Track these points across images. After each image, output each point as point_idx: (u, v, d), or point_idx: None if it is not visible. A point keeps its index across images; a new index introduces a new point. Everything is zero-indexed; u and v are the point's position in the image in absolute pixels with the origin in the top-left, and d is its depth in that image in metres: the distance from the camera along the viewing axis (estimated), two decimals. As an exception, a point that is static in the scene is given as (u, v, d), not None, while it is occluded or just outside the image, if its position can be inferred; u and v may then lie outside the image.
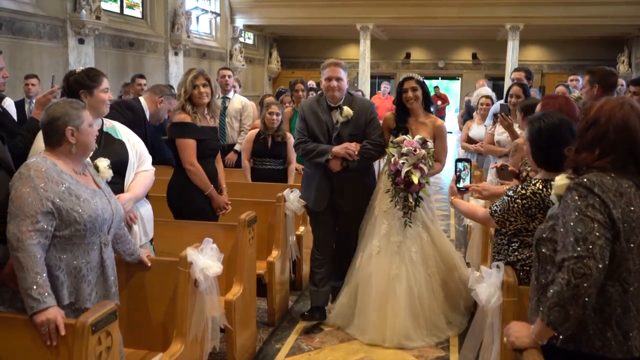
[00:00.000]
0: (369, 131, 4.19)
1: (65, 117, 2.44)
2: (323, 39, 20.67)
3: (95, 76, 3.13)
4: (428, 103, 4.26)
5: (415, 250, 4.10)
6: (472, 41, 20.52)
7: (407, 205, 3.99)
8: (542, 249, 2.10)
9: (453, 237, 7.17)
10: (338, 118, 4.14)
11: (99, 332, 2.21)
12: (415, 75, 4.22)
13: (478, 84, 9.17)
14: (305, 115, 4.23)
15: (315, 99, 4.34)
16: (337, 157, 4.07)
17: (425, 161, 3.91)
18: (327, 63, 4.15)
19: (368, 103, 4.43)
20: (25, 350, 2.24)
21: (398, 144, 3.97)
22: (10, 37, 8.97)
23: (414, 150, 3.86)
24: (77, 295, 2.42)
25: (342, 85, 4.11)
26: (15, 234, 2.26)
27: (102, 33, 10.87)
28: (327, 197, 4.21)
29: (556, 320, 1.92)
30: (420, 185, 3.93)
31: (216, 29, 17.10)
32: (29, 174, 2.33)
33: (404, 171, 3.87)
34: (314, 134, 4.18)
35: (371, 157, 4.27)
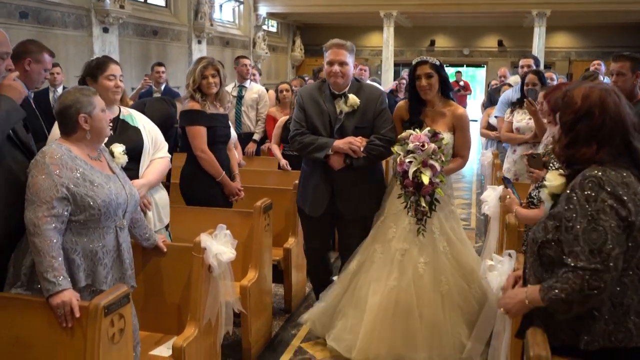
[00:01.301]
0: (378, 124, 3.61)
1: (77, 104, 2.48)
2: (346, 26, 20.59)
3: (102, 63, 3.17)
4: (446, 89, 3.63)
5: (424, 262, 3.46)
6: (498, 28, 20.26)
7: (420, 211, 3.37)
8: (547, 252, 2.04)
9: (473, 226, 7.14)
10: (342, 108, 3.58)
11: (112, 315, 2.26)
12: (430, 58, 3.56)
13: (500, 72, 9.04)
14: (303, 104, 3.69)
15: (316, 86, 3.77)
16: (339, 153, 3.54)
17: (436, 156, 3.29)
18: (330, 44, 3.58)
19: (378, 91, 3.77)
20: (42, 331, 2.30)
21: (404, 141, 3.36)
22: (37, 27, 9.11)
23: (421, 146, 3.27)
24: (94, 277, 2.48)
25: (347, 70, 3.55)
26: (31, 219, 2.32)
27: (126, 22, 10.97)
28: (326, 200, 3.68)
29: (558, 309, 1.95)
30: (433, 185, 3.31)
31: (239, 17, 17.14)
32: (44, 161, 2.38)
33: (412, 171, 3.26)
34: (314, 126, 3.63)
35: (379, 154, 3.63)
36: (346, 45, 3.56)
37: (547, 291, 1.94)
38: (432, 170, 3.28)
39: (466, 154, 3.69)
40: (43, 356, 2.29)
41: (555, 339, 2.01)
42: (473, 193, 9.03)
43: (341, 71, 3.53)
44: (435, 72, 3.51)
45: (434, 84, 3.52)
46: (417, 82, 3.54)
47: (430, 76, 3.50)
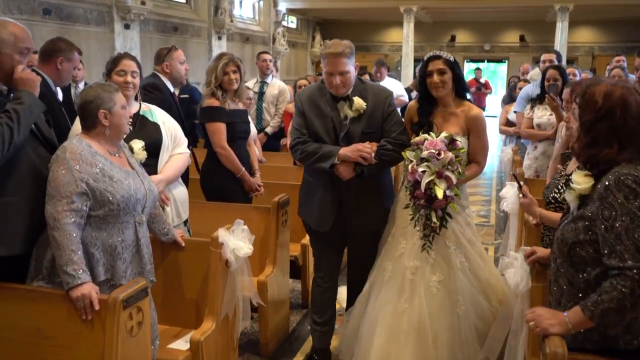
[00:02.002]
0: (388, 127, 3.25)
1: (97, 100, 2.52)
2: (366, 22, 20.53)
3: (115, 59, 3.23)
4: (461, 88, 3.27)
5: (437, 280, 3.12)
6: (520, 22, 20.03)
7: (429, 226, 3.03)
8: (579, 252, 2.01)
9: (493, 223, 7.10)
10: (347, 112, 3.21)
11: (130, 308, 2.30)
12: (443, 53, 3.22)
13: (522, 68, 8.95)
14: (303, 109, 3.29)
15: (316, 87, 3.36)
16: (347, 162, 3.17)
17: (452, 167, 2.93)
18: (326, 53, 3.15)
19: (385, 92, 3.35)
20: (62, 323, 2.34)
21: (417, 146, 3.01)
22: (59, 23, 9.22)
23: (437, 154, 2.90)
24: (113, 272, 2.52)
25: (349, 78, 3.17)
26: (52, 213, 2.36)
27: (147, 18, 11.06)
28: (334, 214, 3.30)
29: (610, 323, 1.91)
30: (447, 199, 2.94)
31: (259, 13, 17.17)
32: (64, 156, 2.42)
33: (425, 182, 2.91)
34: (316, 133, 3.25)
35: (392, 160, 3.26)
36: (344, 51, 3.13)
37: (594, 308, 1.91)
38: (447, 183, 2.92)
39: (482, 160, 3.29)
40: (63, 347, 2.34)
41: (587, 341, 2.01)
42: (493, 190, 8.97)
43: (342, 81, 3.15)
44: (449, 68, 3.16)
45: (446, 81, 3.17)
46: (428, 79, 3.19)
47: (443, 72, 3.15)
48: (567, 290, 2.07)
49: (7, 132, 2.35)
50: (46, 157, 2.56)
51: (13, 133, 2.37)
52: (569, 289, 2.06)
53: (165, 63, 4.13)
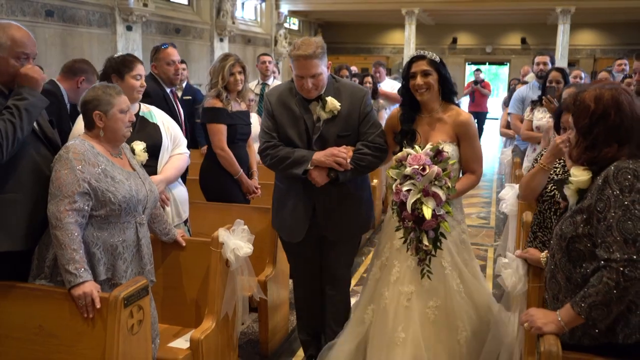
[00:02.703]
0: (365, 129, 3.04)
1: (95, 101, 2.56)
2: (368, 24, 20.58)
3: (129, 62, 3.24)
4: (448, 91, 3.01)
5: (434, 306, 2.87)
6: (521, 25, 20.09)
7: (423, 250, 2.72)
8: (577, 246, 2.03)
9: (493, 224, 7.12)
10: (320, 114, 2.99)
11: (131, 306, 2.33)
12: (428, 53, 2.98)
13: (523, 70, 8.98)
14: (272, 110, 3.07)
15: (286, 87, 3.12)
16: (321, 167, 2.98)
17: (440, 182, 2.64)
18: (295, 55, 2.91)
19: (361, 91, 3.12)
20: (64, 320, 2.38)
21: (400, 162, 2.72)
22: (62, 25, 9.26)
23: (421, 170, 2.62)
24: (114, 271, 2.55)
25: (321, 80, 2.95)
26: (54, 212, 2.39)
27: (149, 20, 11.11)
28: (307, 223, 3.11)
29: (598, 317, 1.93)
30: (437, 219, 2.66)
31: (261, 15, 17.22)
32: (67, 156, 2.45)
33: (410, 202, 2.62)
34: (287, 137, 3.04)
35: (369, 164, 3.05)
36: (315, 52, 2.88)
37: (581, 302, 1.93)
38: (435, 200, 2.63)
39: (478, 167, 3.04)
40: (65, 345, 2.37)
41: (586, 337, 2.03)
42: (493, 192, 8.98)
43: (314, 84, 2.94)
44: (434, 69, 2.93)
45: (431, 84, 2.93)
46: (411, 81, 2.96)
47: (427, 74, 2.92)
48: (564, 285, 2.09)
49: (10, 128, 2.37)
50: (48, 156, 2.59)
51: (16, 129, 2.39)
52: (567, 284, 2.08)
53: (153, 64, 4.09)
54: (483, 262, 5.60)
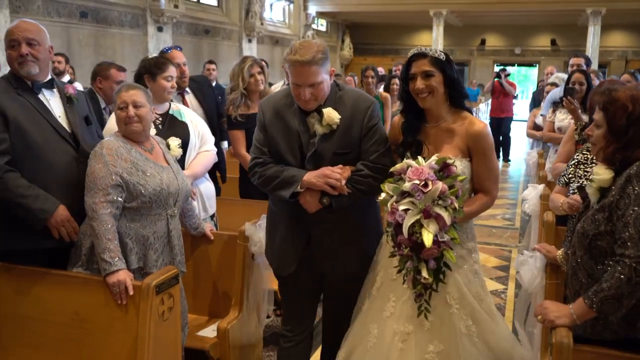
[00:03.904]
0: (367, 147, 2.57)
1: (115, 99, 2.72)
2: (396, 25, 20.60)
3: (162, 64, 3.37)
4: (457, 95, 2.50)
5: (435, 351, 2.36)
6: (551, 26, 19.90)
7: (421, 283, 2.25)
8: (599, 244, 2.07)
9: (518, 226, 7.12)
10: (316, 127, 2.55)
11: (162, 294, 2.45)
12: (430, 49, 2.47)
13: (547, 70, 8.93)
14: (265, 121, 2.64)
15: (283, 95, 2.69)
16: (313, 190, 2.51)
17: (445, 202, 2.20)
18: (291, 60, 2.45)
19: (366, 102, 2.61)
20: (98, 306, 2.51)
21: (398, 176, 2.29)
22: (95, 26, 9.53)
23: (422, 186, 2.18)
24: (145, 261, 2.67)
25: (321, 90, 2.50)
26: (90, 204, 2.54)
27: (179, 21, 11.34)
28: (299, 253, 2.65)
29: (609, 310, 1.98)
30: (440, 247, 2.19)
31: (289, 16, 17.39)
32: (101, 151, 2.60)
33: (407, 224, 2.18)
34: (279, 153, 2.60)
35: (369, 188, 2.54)
36: (314, 59, 2.43)
37: (593, 296, 1.98)
38: (438, 223, 2.18)
39: (493, 187, 2.53)
40: (99, 330, 2.50)
41: (607, 331, 2.08)
42: (519, 193, 8.96)
43: (313, 94, 2.49)
44: (438, 69, 2.43)
45: (435, 88, 2.42)
46: (410, 84, 2.48)
47: (430, 75, 2.42)
48: (586, 283, 2.13)
49: None
50: (70, 153, 2.73)
51: None
52: (589, 281, 2.11)
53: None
54: (507, 263, 5.62)
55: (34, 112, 2.67)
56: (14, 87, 2.67)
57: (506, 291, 4.92)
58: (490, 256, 5.81)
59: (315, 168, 2.53)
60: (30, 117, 2.65)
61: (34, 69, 2.69)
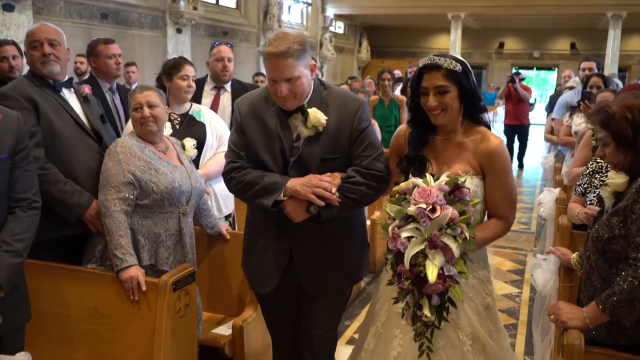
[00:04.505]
0: (358, 152, 2.34)
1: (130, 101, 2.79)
2: (413, 28, 20.59)
3: (178, 64, 3.44)
4: (472, 108, 2.24)
5: None
6: (571, 30, 19.77)
7: (422, 321, 2.00)
8: (613, 247, 2.07)
9: (534, 230, 7.10)
10: (300, 130, 2.32)
11: (179, 291, 2.50)
12: (445, 60, 2.16)
13: (564, 74, 8.88)
14: (242, 122, 2.41)
15: (261, 94, 2.44)
16: (299, 199, 2.28)
17: (454, 230, 1.94)
18: (265, 52, 2.22)
19: (355, 102, 2.39)
20: (115, 302, 2.57)
21: (402, 196, 2.04)
22: (116, 27, 9.67)
23: (429, 210, 1.93)
24: (156, 258, 2.73)
25: (299, 86, 2.27)
26: (103, 201, 2.61)
27: (198, 23, 11.45)
28: (280, 270, 2.44)
29: (621, 314, 1.98)
30: (445, 282, 1.94)
31: (307, 19, 17.46)
32: (115, 150, 2.68)
33: (409, 255, 1.93)
34: (258, 158, 2.38)
35: (362, 197, 2.33)
36: (289, 50, 2.20)
37: (605, 301, 1.99)
38: (445, 255, 1.93)
39: (508, 211, 2.26)
40: (118, 326, 2.56)
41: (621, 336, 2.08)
42: (535, 197, 8.91)
43: (291, 90, 2.26)
44: (454, 83, 2.17)
45: (449, 104, 2.18)
46: (422, 99, 2.22)
47: (444, 92, 2.16)
48: (600, 287, 2.13)
49: None
50: (94, 147, 2.83)
51: None
52: (603, 285, 2.11)
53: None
54: (522, 267, 5.61)
55: (59, 107, 2.76)
56: (36, 84, 2.76)
57: (520, 294, 4.91)
58: (506, 260, 5.80)
59: (299, 175, 2.30)
60: (57, 111, 2.74)
61: (56, 68, 2.79)
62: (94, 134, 2.86)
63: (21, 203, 2.18)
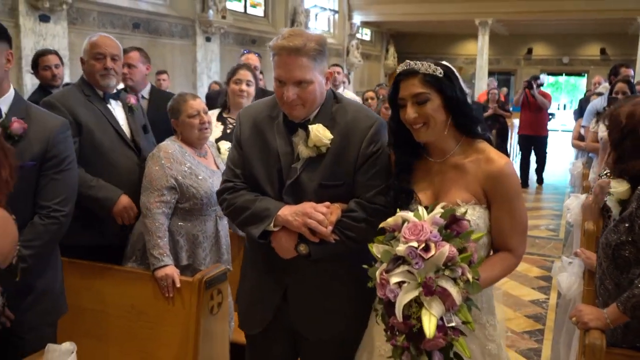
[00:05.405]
0: (363, 180, 2.00)
1: (170, 109, 2.92)
2: (440, 34, 20.56)
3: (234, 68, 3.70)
4: (464, 120, 1.90)
5: None
6: (601, 35, 19.51)
7: None
8: (622, 253, 2.12)
9: (562, 236, 7.06)
10: (300, 149, 2.00)
11: (212, 289, 2.61)
12: (422, 64, 1.85)
13: (594, 80, 8.81)
14: (241, 136, 2.12)
15: (268, 104, 2.14)
16: (289, 230, 1.96)
17: (454, 272, 1.61)
18: (277, 46, 1.93)
19: (366, 120, 2.04)
20: (152, 301, 2.69)
21: (391, 234, 1.71)
22: (147, 36, 9.88)
23: (422, 250, 1.61)
24: (194, 258, 2.84)
25: (311, 92, 1.96)
26: (145, 203, 2.73)
27: (227, 31, 11.64)
28: (271, 308, 2.11)
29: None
30: (446, 336, 1.59)
31: (334, 26, 17.56)
32: (159, 154, 2.79)
33: (402, 304, 1.60)
34: (253, 177, 2.07)
35: (362, 236, 1.91)
36: (305, 47, 1.91)
37: (625, 303, 2.04)
38: (444, 302, 1.60)
39: (518, 243, 1.91)
40: (153, 322, 2.67)
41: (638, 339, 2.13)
42: (564, 204, 8.86)
43: (300, 96, 1.95)
44: (435, 90, 1.84)
45: (431, 116, 1.85)
46: (400, 112, 1.91)
47: (423, 101, 1.84)
48: (613, 291, 2.18)
49: None
50: (134, 159, 2.95)
51: None
52: (616, 290, 2.17)
53: None
54: (549, 273, 5.59)
55: (103, 120, 2.87)
56: (85, 94, 2.88)
57: (548, 301, 4.92)
58: (533, 266, 5.80)
59: (295, 202, 1.97)
60: (100, 124, 2.86)
61: (112, 82, 2.92)
62: (134, 145, 2.97)
63: (41, 211, 2.18)
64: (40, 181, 2.19)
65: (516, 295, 5.03)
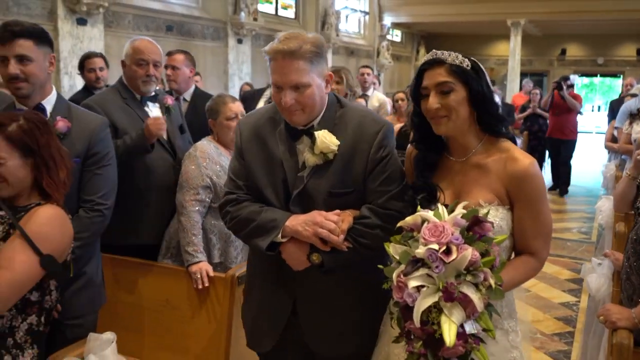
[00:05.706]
0: (373, 186, 1.94)
1: (208, 110, 2.99)
2: (471, 35, 20.40)
3: None
4: (489, 117, 1.82)
5: None
6: (636, 36, 19.12)
7: None
8: None
9: (594, 239, 6.98)
10: (307, 156, 1.94)
11: (243, 284, 2.66)
12: (447, 54, 1.81)
13: (626, 82, 8.66)
14: (242, 145, 2.06)
15: (269, 112, 2.07)
16: (298, 241, 1.89)
17: (476, 277, 1.53)
18: (272, 50, 1.87)
19: (374, 125, 1.98)
20: (186, 296, 2.77)
21: (410, 232, 1.64)
22: (180, 38, 10.06)
23: (443, 253, 1.53)
24: (226, 256, 2.93)
25: (309, 97, 1.90)
26: (180, 201, 2.81)
27: (258, 33, 11.75)
28: (280, 325, 2.03)
29: None
30: (466, 343, 1.52)
31: (364, 27, 17.58)
32: (195, 154, 2.87)
33: (420, 310, 1.52)
34: (256, 187, 2.01)
35: (377, 242, 1.83)
36: (301, 49, 1.85)
37: None
38: (465, 309, 1.52)
39: (542, 247, 1.83)
40: (187, 317, 2.76)
41: None
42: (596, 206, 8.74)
43: (298, 101, 1.89)
44: (460, 82, 1.77)
45: (454, 108, 1.77)
46: (422, 103, 1.83)
47: (448, 91, 1.77)
48: (639, 286, 2.20)
49: None
50: (170, 161, 3.02)
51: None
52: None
53: None
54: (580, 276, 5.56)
55: (139, 123, 2.94)
56: (122, 97, 2.96)
57: (578, 303, 4.88)
58: (563, 269, 5.76)
59: (303, 212, 1.91)
60: (135, 126, 2.93)
61: (153, 88, 3.01)
62: (170, 147, 3.05)
63: (85, 204, 2.27)
64: (84, 176, 2.28)
65: (546, 297, 5.01)
